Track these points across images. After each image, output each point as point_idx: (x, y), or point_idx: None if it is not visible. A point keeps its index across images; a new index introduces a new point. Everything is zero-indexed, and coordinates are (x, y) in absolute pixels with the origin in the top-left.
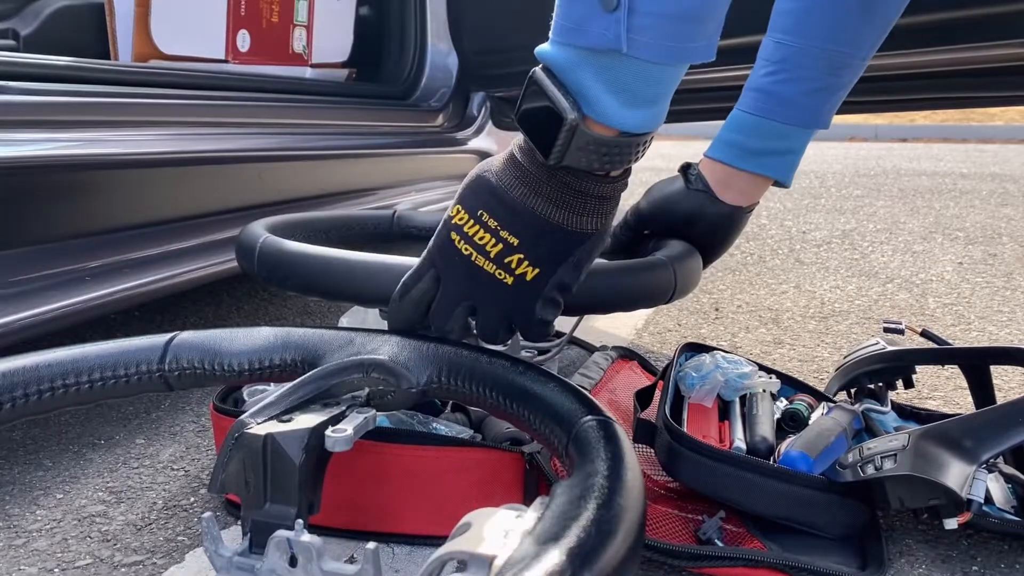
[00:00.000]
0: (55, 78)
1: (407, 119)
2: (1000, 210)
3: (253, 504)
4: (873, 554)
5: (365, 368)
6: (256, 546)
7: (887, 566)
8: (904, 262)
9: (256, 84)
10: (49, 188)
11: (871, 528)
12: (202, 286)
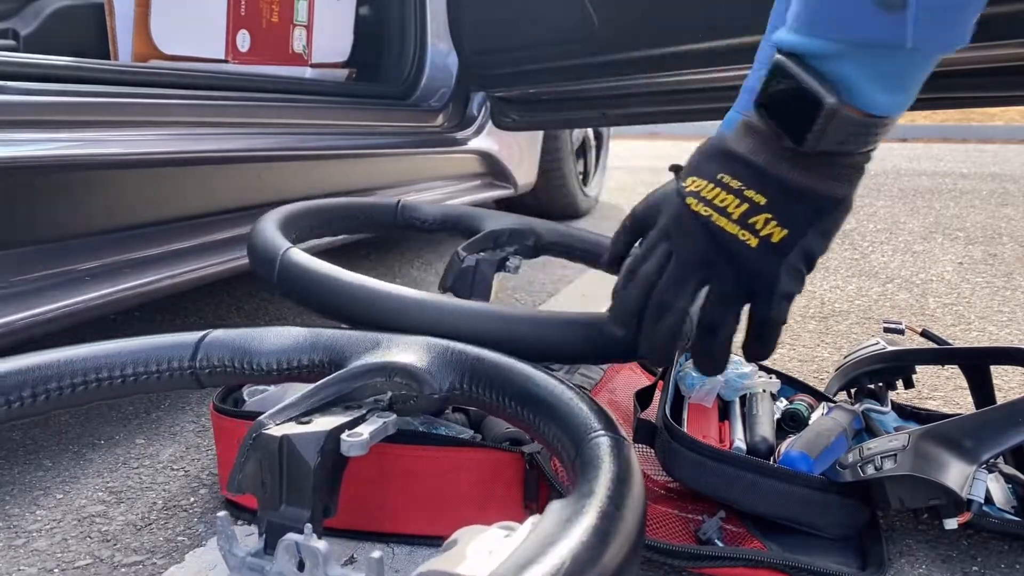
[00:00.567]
0: (55, 78)
1: (407, 119)
2: (1000, 210)
3: (269, 505)
4: (873, 554)
5: (388, 372)
6: (270, 547)
7: (887, 566)
8: (904, 262)
9: (256, 84)
10: (49, 188)
11: (871, 528)
12: (202, 286)
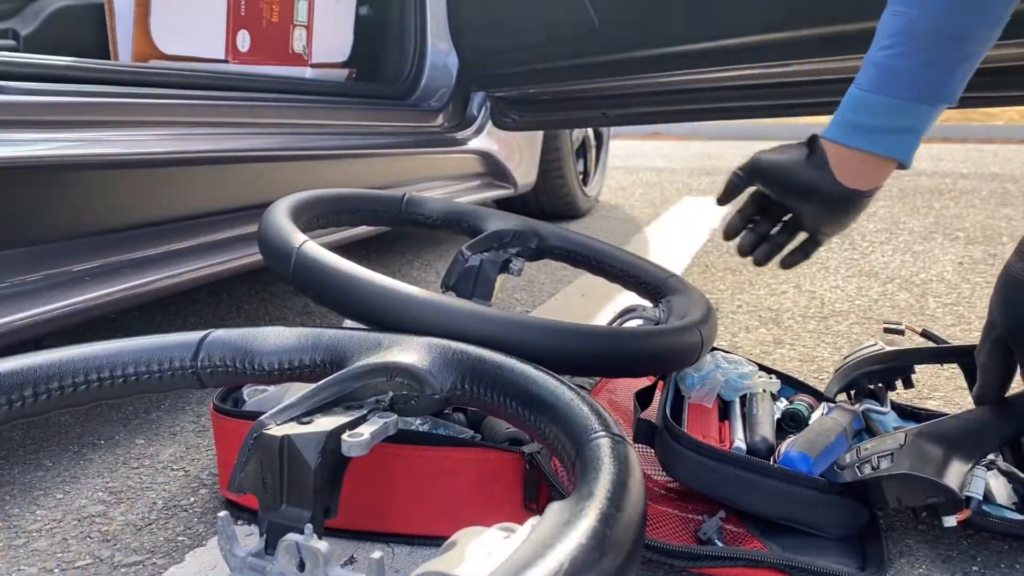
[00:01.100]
0: (55, 78)
1: (407, 119)
2: (1000, 210)
3: (270, 505)
4: (873, 554)
5: (389, 372)
6: (271, 547)
7: (887, 566)
8: (904, 262)
9: (256, 84)
10: (49, 188)
11: (871, 528)
12: (202, 286)
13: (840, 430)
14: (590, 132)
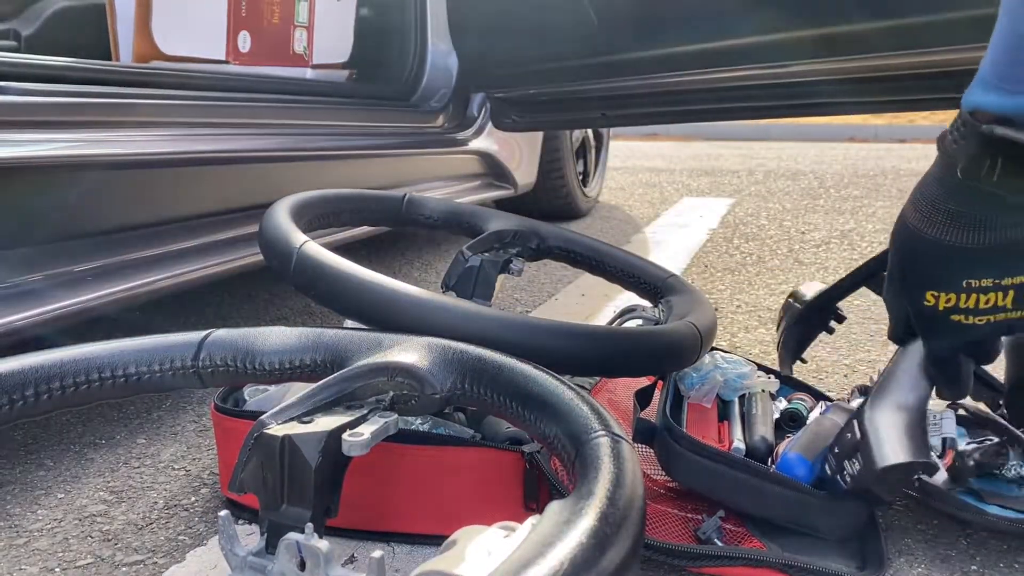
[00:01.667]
0: (56, 78)
1: (407, 120)
2: None
3: (270, 505)
4: (872, 553)
5: (390, 372)
6: (272, 547)
7: (886, 565)
8: None
9: (257, 85)
10: (50, 188)
11: (870, 527)
12: (203, 286)
13: (838, 431)
14: (590, 133)
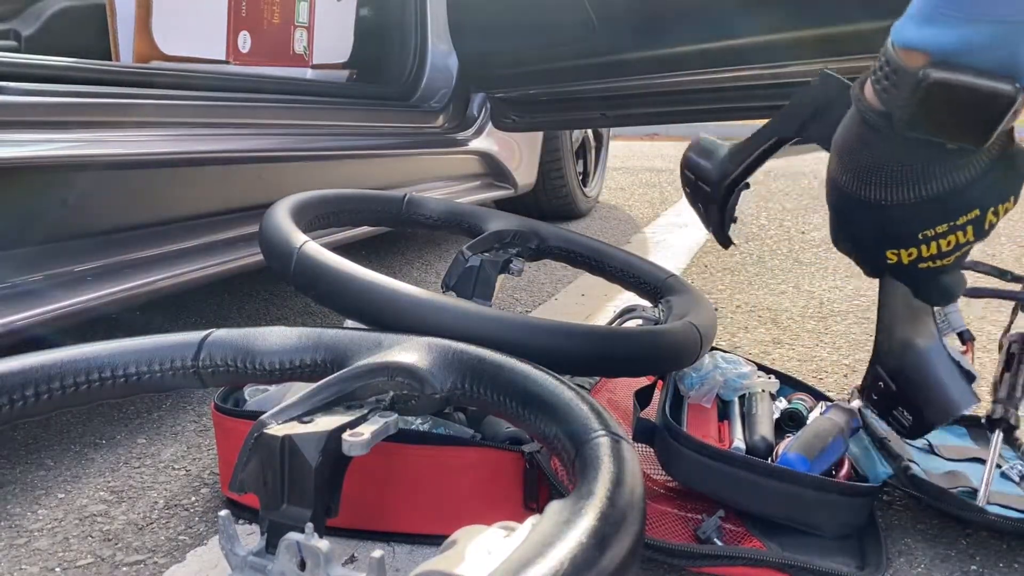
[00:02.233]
0: (56, 79)
1: (408, 120)
2: None
3: (271, 505)
4: (872, 553)
5: (390, 372)
6: (272, 546)
7: (886, 565)
8: None
9: (257, 85)
10: (49, 188)
11: (870, 527)
12: (203, 286)
13: (838, 431)
14: (590, 132)
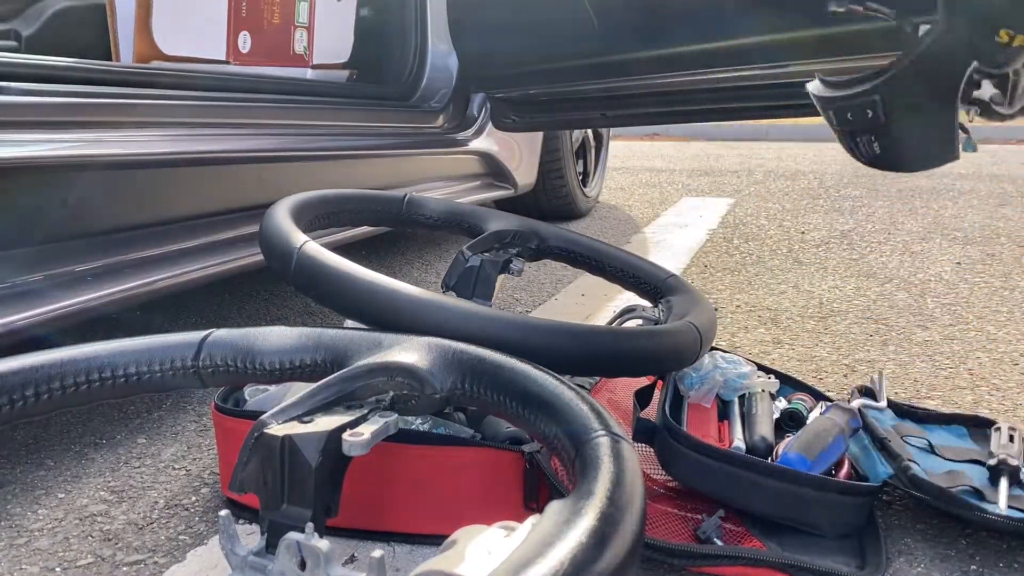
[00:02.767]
0: (56, 79)
1: (408, 120)
2: (998, 210)
3: (271, 504)
4: (872, 553)
5: (390, 372)
6: (272, 546)
7: (886, 565)
8: (902, 262)
9: (257, 85)
10: (49, 188)
11: (870, 527)
12: (203, 286)
13: (838, 431)
14: (590, 133)
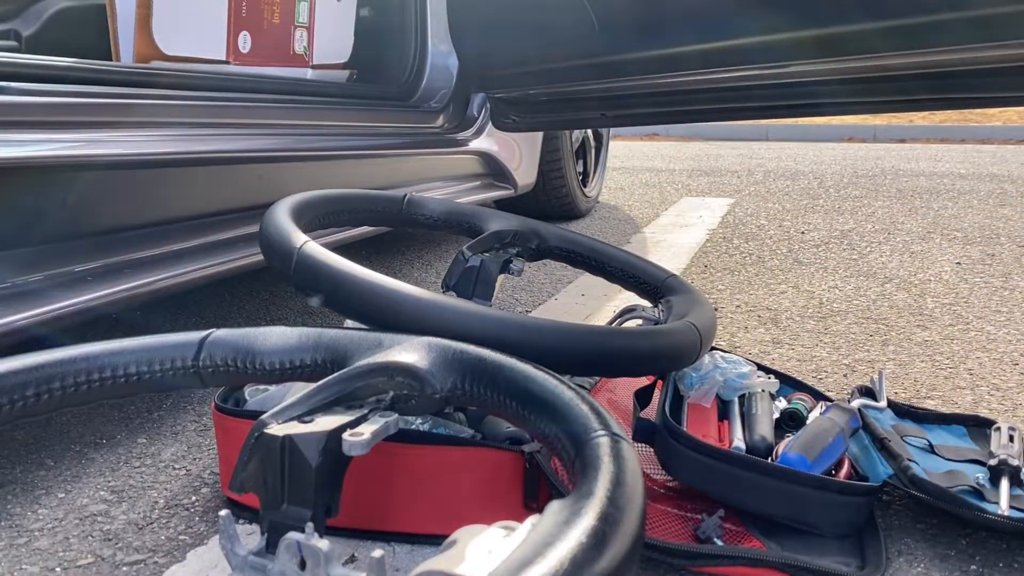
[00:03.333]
0: (57, 79)
1: (408, 120)
2: (998, 210)
3: (271, 504)
4: (872, 553)
5: (390, 372)
6: (272, 546)
7: (886, 565)
8: (902, 262)
9: (257, 85)
10: (49, 188)
11: (870, 527)
12: (203, 286)
13: (838, 431)
14: (590, 133)
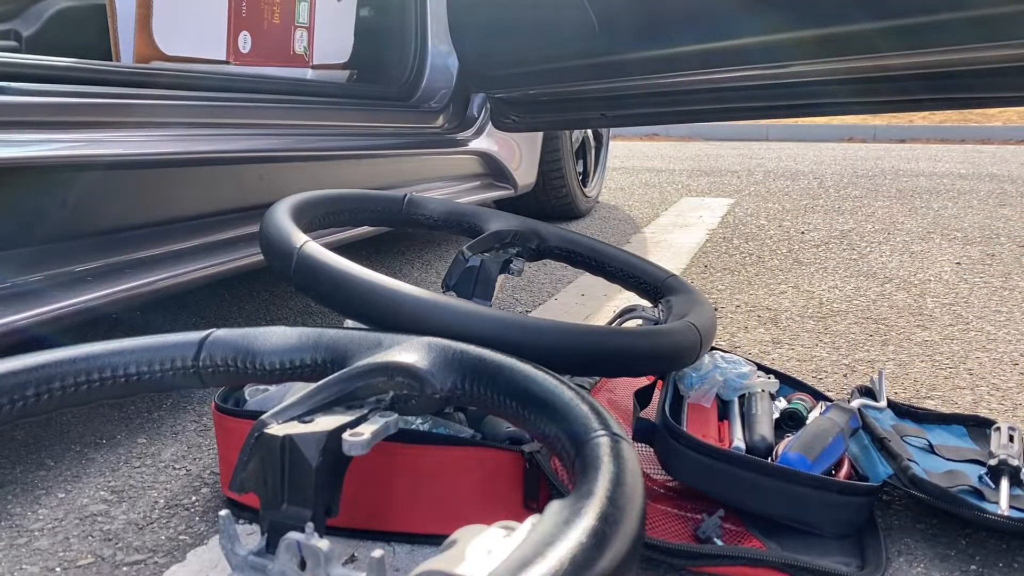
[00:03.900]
0: (57, 79)
1: (408, 120)
2: (998, 210)
3: (271, 504)
4: (872, 552)
5: (390, 372)
6: (272, 546)
7: (886, 565)
8: (902, 262)
9: (257, 85)
10: (49, 188)
11: (870, 526)
12: (203, 286)
13: (838, 431)
14: (590, 133)
